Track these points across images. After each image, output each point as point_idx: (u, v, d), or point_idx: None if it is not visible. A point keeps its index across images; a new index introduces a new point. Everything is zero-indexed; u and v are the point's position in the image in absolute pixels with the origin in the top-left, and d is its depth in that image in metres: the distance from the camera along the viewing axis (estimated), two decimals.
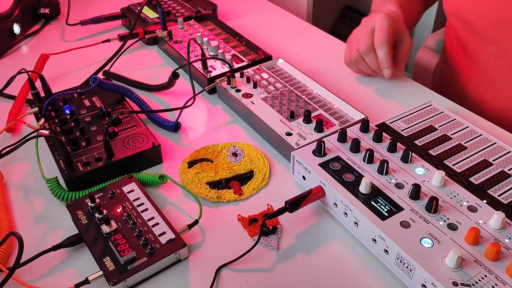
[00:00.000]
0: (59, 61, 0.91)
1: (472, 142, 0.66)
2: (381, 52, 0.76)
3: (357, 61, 0.81)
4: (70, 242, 0.55)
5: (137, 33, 0.95)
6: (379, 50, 0.76)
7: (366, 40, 0.77)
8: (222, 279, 0.53)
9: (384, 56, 0.76)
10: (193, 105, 0.75)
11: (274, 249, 0.56)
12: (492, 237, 0.51)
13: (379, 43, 0.76)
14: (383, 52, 0.76)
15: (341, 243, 0.57)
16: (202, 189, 0.64)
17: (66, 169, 0.62)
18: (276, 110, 0.73)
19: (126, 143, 0.67)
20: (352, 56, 0.81)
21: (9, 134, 0.75)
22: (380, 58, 0.77)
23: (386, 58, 0.76)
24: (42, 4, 1.07)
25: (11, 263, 0.54)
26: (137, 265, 0.52)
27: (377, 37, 0.76)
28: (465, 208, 0.54)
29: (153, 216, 0.57)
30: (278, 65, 0.86)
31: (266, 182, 0.65)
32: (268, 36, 1.02)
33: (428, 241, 0.50)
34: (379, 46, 0.76)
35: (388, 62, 0.77)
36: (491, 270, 0.48)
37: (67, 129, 0.67)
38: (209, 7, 1.07)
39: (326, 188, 0.58)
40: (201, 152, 0.70)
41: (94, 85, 0.69)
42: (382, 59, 0.77)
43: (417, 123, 0.70)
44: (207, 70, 0.83)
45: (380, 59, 0.77)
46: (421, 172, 0.59)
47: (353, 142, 0.62)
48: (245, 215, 0.61)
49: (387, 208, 0.54)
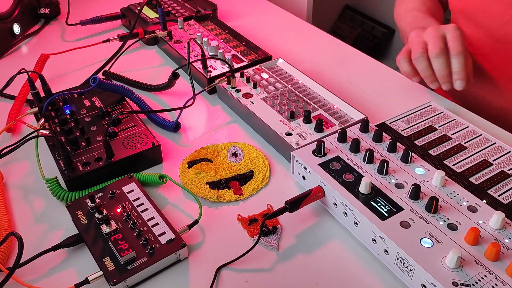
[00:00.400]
0: (59, 61, 0.91)
1: (472, 142, 0.66)
2: (459, 61, 0.70)
3: (419, 61, 0.73)
4: (70, 242, 0.55)
5: (137, 33, 0.95)
6: (457, 59, 0.70)
7: (440, 44, 0.71)
8: (222, 279, 0.53)
9: (461, 66, 0.70)
10: (193, 105, 0.75)
11: (274, 249, 0.56)
12: (492, 237, 0.51)
13: (457, 51, 0.70)
14: (461, 62, 0.70)
15: (341, 243, 0.57)
16: (202, 189, 0.64)
17: (66, 169, 0.62)
18: (276, 110, 0.73)
19: (126, 143, 0.67)
20: (415, 54, 0.73)
21: (9, 134, 0.75)
22: (456, 68, 0.70)
23: (462, 69, 0.70)
24: (42, 4, 1.07)
25: (11, 263, 0.54)
26: (137, 265, 0.52)
27: (454, 45, 0.70)
28: (465, 208, 0.54)
29: (153, 216, 0.57)
30: (278, 65, 0.86)
31: (266, 182, 0.65)
32: (268, 36, 1.02)
33: (428, 241, 0.50)
34: (457, 55, 0.70)
35: (464, 73, 0.70)
36: (491, 270, 0.48)
37: (67, 129, 0.67)
38: (209, 7, 1.07)
39: (326, 188, 0.58)
40: (201, 152, 0.70)
41: (94, 85, 0.69)
42: (457, 69, 0.70)
43: (417, 123, 0.70)
44: (207, 70, 0.83)
45: (455, 69, 0.70)
46: (421, 172, 0.59)
47: (353, 142, 0.62)
48: (245, 215, 0.61)
49: (387, 208, 0.54)
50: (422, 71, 0.74)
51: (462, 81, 0.70)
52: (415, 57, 0.73)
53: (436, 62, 0.71)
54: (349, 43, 1.01)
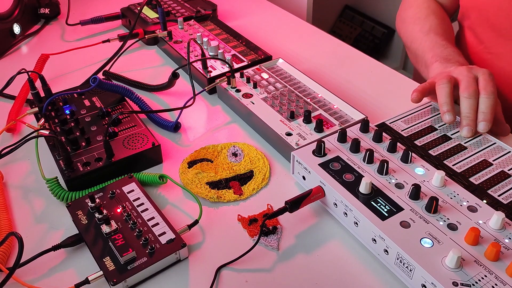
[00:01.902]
0: (59, 61, 0.91)
1: (472, 142, 0.66)
2: (489, 102, 0.66)
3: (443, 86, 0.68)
4: (70, 242, 0.55)
5: (137, 33, 0.95)
6: (487, 99, 0.66)
7: (474, 85, 0.67)
8: (222, 279, 0.53)
9: (490, 107, 0.66)
10: (193, 105, 0.75)
11: (274, 249, 0.56)
12: (492, 237, 0.51)
13: (489, 92, 0.66)
14: (491, 103, 0.66)
15: (341, 243, 0.57)
16: (202, 189, 0.64)
17: (66, 169, 0.62)
18: (276, 110, 0.73)
19: (126, 143, 0.67)
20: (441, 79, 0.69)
21: (9, 134, 0.75)
22: (484, 108, 0.66)
23: (490, 111, 0.66)
24: (42, 4, 1.07)
25: (11, 263, 0.54)
26: (137, 265, 0.52)
27: (487, 86, 0.67)
28: (465, 208, 0.54)
29: (153, 216, 0.57)
30: (278, 65, 0.86)
31: (266, 182, 0.65)
32: (268, 36, 1.02)
33: (428, 241, 0.50)
34: (489, 95, 0.66)
35: (491, 116, 0.66)
36: (491, 270, 0.48)
37: (67, 129, 0.67)
38: (209, 7, 1.07)
39: (326, 188, 0.58)
40: (201, 152, 0.70)
41: (94, 85, 0.69)
42: (486, 110, 0.66)
43: (417, 123, 0.70)
44: (207, 70, 0.83)
45: (483, 109, 0.66)
46: (421, 172, 0.59)
47: (353, 142, 0.62)
48: (245, 215, 0.61)
49: (387, 208, 0.54)
50: (443, 96, 0.68)
51: (487, 123, 0.66)
52: (440, 83, 0.69)
53: (467, 102, 0.67)
54: (349, 43, 1.01)
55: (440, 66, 0.76)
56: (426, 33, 0.84)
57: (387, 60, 2.19)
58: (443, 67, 0.75)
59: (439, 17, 0.88)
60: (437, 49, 0.80)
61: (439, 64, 0.76)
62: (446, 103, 0.68)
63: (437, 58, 0.77)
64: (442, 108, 0.68)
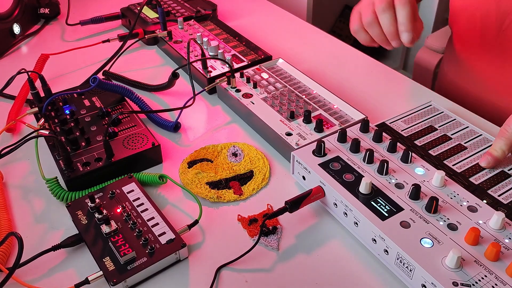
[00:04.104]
0: (59, 61, 0.91)
1: (472, 142, 0.66)
2: (403, 11, 0.66)
3: (370, 24, 0.69)
4: (70, 242, 0.55)
5: (137, 33, 0.95)
6: (401, 10, 0.66)
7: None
8: (222, 279, 0.53)
9: (406, 17, 0.66)
10: (193, 105, 0.75)
11: (274, 249, 0.56)
12: (492, 237, 0.51)
13: (402, 2, 0.66)
14: (405, 12, 0.66)
15: (341, 243, 0.57)
16: (202, 189, 0.64)
17: (66, 169, 0.62)
18: (276, 110, 0.73)
19: (126, 143, 0.67)
20: (365, 19, 0.70)
21: (9, 134, 0.75)
22: (401, 18, 0.66)
23: (408, 20, 0.66)
24: (42, 4, 1.07)
25: (11, 263, 0.54)
26: (137, 265, 0.52)
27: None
28: (465, 208, 0.54)
29: (153, 216, 0.57)
30: (278, 65, 0.86)
31: (266, 182, 0.65)
32: (268, 36, 1.02)
33: (428, 241, 0.50)
34: (402, 5, 0.66)
35: (409, 25, 0.66)
36: (491, 270, 0.48)
37: (67, 129, 0.67)
38: (209, 7, 1.07)
39: (326, 188, 0.58)
40: (201, 152, 0.70)
41: (94, 85, 0.69)
42: (403, 20, 0.66)
43: (417, 123, 0.70)
44: (207, 70, 0.83)
45: (400, 19, 0.66)
46: (421, 172, 0.59)
47: (353, 142, 0.62)
48: (245, 215, 0.61)
49: (387, 208, 0.54)
50: (375, 36, 0.70)
51: (408, 33, 0.66)
52: (366, 23, 0.70)
53: (383, 18, 0.67)
54: (349, 43, 1.01)
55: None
56: None
57: (387, 60, 2.19)
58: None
59: None
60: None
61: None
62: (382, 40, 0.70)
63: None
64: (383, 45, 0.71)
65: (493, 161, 0.61)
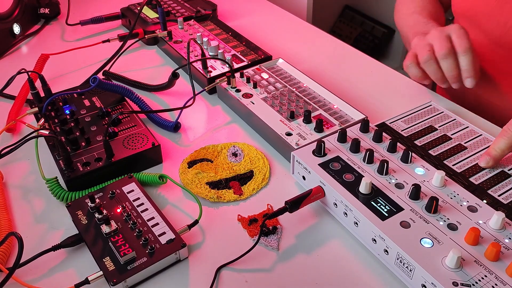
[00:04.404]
0: (59, 61, 0.91)
1: (472, 142, 0.66)
2: (467, 59, 0.70)
3: (427, 64, 0.72)
4: (70, 242, 0.55)
5: (137, 33, 0.95)
6: (464, 57, 0.70)
7: (446, 44, 0.70)
8: (222, 279, 0.53)
9: (469, 63, 0.70)
10: (193, 105, 0.75)
11: (274, 249, 0.56)
12: (492, 237, 0.51)
13: (464, 49, 0.70)
14: (469, 59, 0.69)
15: (341, 243, 0.57)
16: (202, 189, 0.64)
17: (66, 169, 0.62)
18: (276, 110, 0.73)
19: (126, 143, 0.67)
20: (422, 57, 0.72)
21: (9, 134, 0.75)
22: (465, 65, 0.70)
23: (471, 66, 0.70)
24: (42, 4, 1.07)
25: (11, 263, 0.54)
26: (137, 265, 0.52)
27: (460, 43, 0.70)
28: (465, 208, 0.54)
29: (153, 216, 0.57)
30: (278, 65, 0.86)
31: (266, 182, 0.65)
32: (268, 36, 1.02)
33: (428, 241, 0.50)
34: (464, 52, 0.69)
35: (473, 71, 0.70)
36: (491, 270, 0.48)
37: (67, 129, 0.67)
38: (209, 7, 1.07)
39: (326, 188, 0.58)
40: (201, 152, 0.70)
41: (94, 85, 0.69)
42: (467, 67, 0.70)
43: (417, 123, 0.70)
44: (207, 70, 0.83)
45: (464, 66, 0.70)
46: (421, 172, 0.59)
47: (353, 142, 0.62)
48: (245, 215, 0.61)
49: (387, 208, 0.54)
50: (432, 73, 0.73)
51: (472, 79, 0.70)
52: (423, 60, 0.72)
53: (445, 63, 0.71)
54: (349, 43, 1.01)
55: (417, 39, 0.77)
56: (410, 14, 0.86)
57: (387, 60, 2.19)
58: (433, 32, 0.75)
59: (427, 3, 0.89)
60: (418, 26, 0.82)
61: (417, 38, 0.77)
62: (438, 78, 0.73)
63: (416, 34, 0.78)
64: (438, 83, 0.73)
65: (492, 161, 0.61)
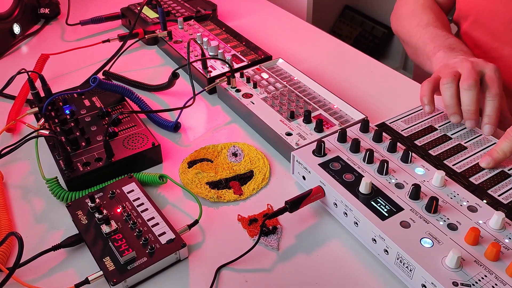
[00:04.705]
0: (59, 61, 0.91)
1: (472, 142, 0.66)
2: (494, 104, 0.64)
3: (447, 86, 0.66)
4: (70, 242, 0.55)
5: (137, 33, 0.95)
6: (492, 102, 0.64)
7: (475, 76, 0.64)
8: (222, 279, 0.53)
9: (495, 110, 0.64)
10: (193, 105, 0.75)
11: (274, 249, 0.56)
12: (492, 237, 0.51)
13: (495, 94, 0.64)
14: (496, 106, 0.64)
15: (341, 243, 0.57)
16: (202, 189, 0.64)
17: (66, 169, 0.62)
18: (276, 110, 0.73)
19: (126, 143, 0.67)
20: (445, 79, 0.66)
21: (9, 134, 0.75)
22: (490, 111, 0.65)
23: (495, 114, 0.64)
24: (42, 4, 1.07)
25: (11, 263, 0.54)
26: (137, 265, 0.52)
27: (492, 86, 0.65)
28: (465, 208, 0.54)
29: (153, 216, 0.57)
30: (278, 65, 0.86)
31: (266, 182, 0.65)
32: (268, 36, 1.02)
33: (428, 241, 0.50)
34: (494, 97, 0.64)
35: (496, 120, 0.65)
36: (491, 270, 0.48)
37: (67, 129, 0.67)
38: (209, 7, 1.07)
39: (326, 188, 0.58)
40: (201, 152, 0.70)
41: (94, 85, 0.69)
42: (491, 112, 0.65)
43: (417, 123, 0.70)
44: (207, 70, 0.83)
45: (488, 112, 0.65)
46: (421, 172, 0.59)
47: (353, 142, 0.62)
48: (245, 215, 0.61)
49: (387, 208, 0.54)
50: (447, 98, 0.66)
51: (492, 127, 0.65)
52: (445, 82, 0.66)
53: (466, 94, 0.64)
54: (349, 43, 1.01)
55: (444, 56, 0.73)
56: (425, 27, 0.82)
57: (387, 60, 2.19)
58: (448, 56, 0.72)
59: (436, 11, 0.87)
60: (438, 40, 0.77)
61: (442, 53, 0.73)
62: (452, 105, 0.66)
63: (439, 47, 0.75)
64: (448, 110, 0.67)
65: (493, 162, 0.61)
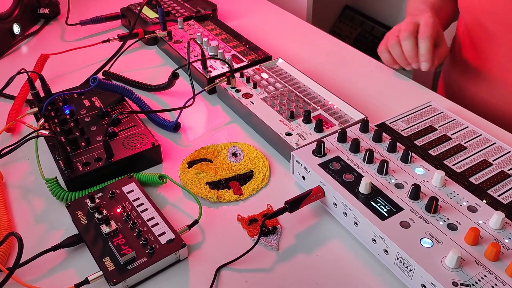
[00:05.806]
0: (59, 61, 0.91)
1: (472, 142, 0.66)
2: (424, 44, 0.76)
3: (393, 46, 0.79)
4: (70, 242, 0.55)
5: (137, 33, 0.95)
6: (423, 43, 0.76)
7: (410, 28, 0.77)
8: (222, 279, 0.53)
9: (426, 49, 0.76)
10: (193, 105, 0.75)
11: (274, 249, 0.56)
12: (492, 237, 0.51)
13: (424, 36, 0.76)
14: (426, 45, 0.76)
15: (341, 243, 0.57)
16: (202, 189, 0.64)
17: (66, 169, 0.62)
18: (276, 110, 0.73)
19: (126, 143, 0.67)
20: (389, 41, 0.80)
21: (9, 134, 0.75)
22: (422, 50, 0.77)
23: (427, 52, 0.76)
24: (42, 4, 1.07)
25: (11, 263, 0.54)
26: (137, 265, 0.52)
27: (422, 30, 0.77)
28: (465, 208, 0.54)
29: (153, 216, 0.57)
30: (278, 65, 0.86)
31: (266, 182, 0.65)
32: (268, 36, 1.02)
33: (428, 241, 0.50)
34: (424, 39, 0.76)
35: (428, 56, 0.76)
36: (491, 270, 0.48)
37: (66, 129, 0.67)
38: (209, 7, 1.07)
39: (326, 188, 0.58)
40: (201, 152, 0.70)
41: (94, 85, 0.69)
42: (423, 52, 0.76)
43: (417, 123, 0.70)
44: (207, 70, 0.83)
45: (421, 51, 0.77)
46: (421, 172, 0.59)
47: (353, 142, 0.62)
48: (245, 215, 0.61)
49: (387, 208, 0.54)
50: (396, 56, 0.80)
51: (426, 63, 0.77)
52: (390, 44, 0.80)
53: (404, 44, 0.77)
54: (349, 43, 1.01)
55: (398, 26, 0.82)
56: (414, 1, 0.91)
57: None
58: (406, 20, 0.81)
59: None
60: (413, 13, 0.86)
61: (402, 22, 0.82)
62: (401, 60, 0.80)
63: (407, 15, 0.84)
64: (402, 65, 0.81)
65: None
